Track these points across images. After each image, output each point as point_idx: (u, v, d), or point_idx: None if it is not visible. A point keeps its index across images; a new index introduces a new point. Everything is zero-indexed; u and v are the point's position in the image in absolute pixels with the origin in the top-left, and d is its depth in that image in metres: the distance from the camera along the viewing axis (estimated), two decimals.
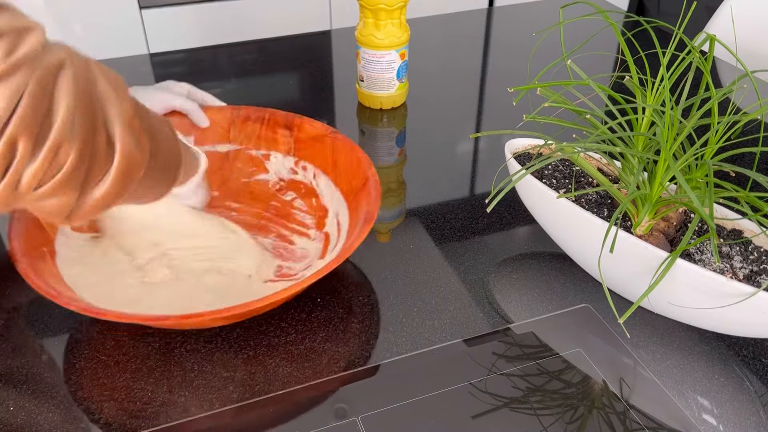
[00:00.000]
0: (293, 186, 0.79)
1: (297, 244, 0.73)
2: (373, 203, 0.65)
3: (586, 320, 0.64)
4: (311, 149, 0.77)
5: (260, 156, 0.80)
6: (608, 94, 0.61)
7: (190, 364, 0.60)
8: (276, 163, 0.80)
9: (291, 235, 0.74)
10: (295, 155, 0.78)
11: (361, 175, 0.70)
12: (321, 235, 0.73)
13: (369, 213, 0.64)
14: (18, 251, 0.60)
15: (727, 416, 0.55)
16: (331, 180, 0.75)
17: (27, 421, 0.55)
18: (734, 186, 0.55)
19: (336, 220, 0.72)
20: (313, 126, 0.77)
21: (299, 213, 0.77)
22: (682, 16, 0.61)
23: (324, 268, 0.57)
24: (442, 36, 1.24)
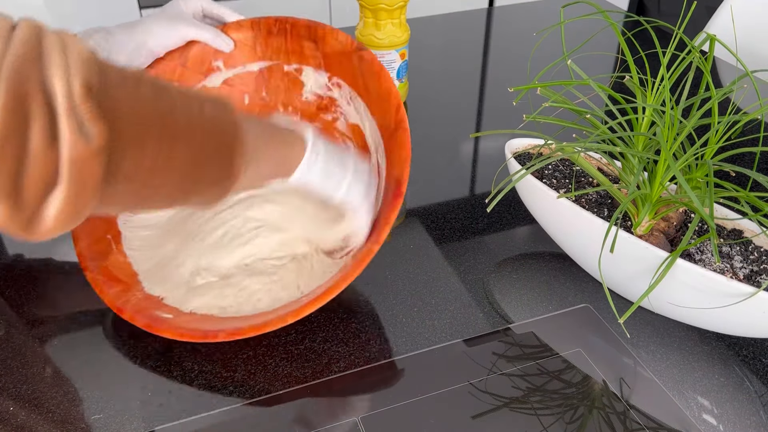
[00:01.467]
0: (332, 105, 0.75)
1: None
2: (403, 164, 0.61)
3: (586, 320, 0.64)
4: (340, 66, 0.73)
5: (293, 71, 0.76)
6: (608, 94, 0.61)
7: (190, 364, 0.60)
8: (310, 78, 0.76)
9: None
10: (326, 70, 0.74)
11: (391, 114, 0.66)
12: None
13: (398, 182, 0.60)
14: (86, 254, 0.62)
15: (727, 416, 0.55)
16: (367, 106, 0.71)
17: (27, 421, 0.55)
18: (734, 186, 0.55)
19: (376, 158, 0.68)
20: (337, 39, 0.72)
21: (343, 138, 0.74)
22: (682, 16, 0.61)
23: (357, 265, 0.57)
24: (442, 36, 1.24)
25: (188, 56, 0.75)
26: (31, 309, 0.65)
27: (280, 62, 0.77)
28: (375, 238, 0.59)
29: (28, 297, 0.67)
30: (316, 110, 0.76)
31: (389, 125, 0.66)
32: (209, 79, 0.76)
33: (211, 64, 0.76)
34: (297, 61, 0.76)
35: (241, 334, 0.56)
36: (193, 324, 0.59)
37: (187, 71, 0.75)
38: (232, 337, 0.56)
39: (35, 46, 0.35)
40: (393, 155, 0.64)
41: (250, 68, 0.77)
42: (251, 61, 0.77)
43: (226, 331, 0.57)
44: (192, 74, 0.75)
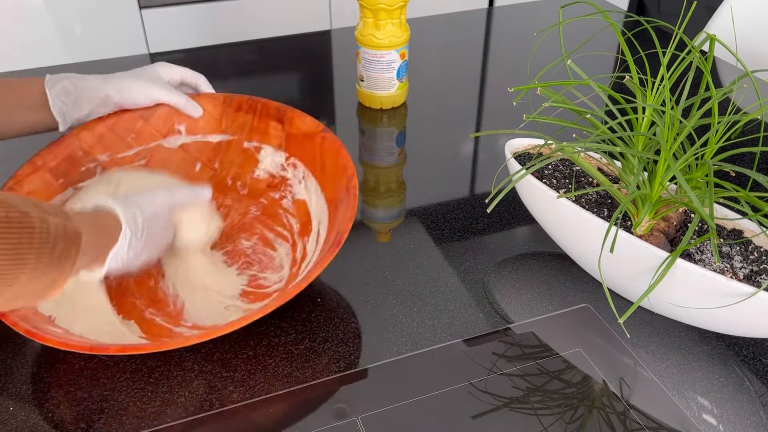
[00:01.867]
0: (283, 184, 0.77)
1: (278, 251, 0.72)
2: (345, 223, 0.62)
3: (586, 320, 0.64)
4: (301, 146, 0.75)
5: (252, 148, 0.78)
6: (608, 94, 0.61)
7: (190, 364, 0.60)
8: (267, 157, 0.78)
9: (275, 240, 0.73)
10: (285, 150, 0.76)
11: (342, 185, 0.68)
12: (300, 245, 0.71)
13: (338, 235, 0.61)
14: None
15: (727, 416, 0.55)
16: (319, 184, 0.73)
17: (27, 421, 0.55)
18: (734, 186, 0.55)
19: (317, 230, 0.70)
20: (305, 122, 0.75)
21: (286, 215, 0.75)
22: (682, 16, 0.61)
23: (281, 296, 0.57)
24: (442, 36, 1.24)
25: (153, 113, 0.76)
26: None
27: (242, 138, 0.78)
28: (308, 275, 0.58)
29: None
30: (265, 188, 0.78)
31: (339, 197, 0.68)
32: (167, 140, 0.77)
33: (173, 127, 0.77)
34: (258, 140, 0.78)
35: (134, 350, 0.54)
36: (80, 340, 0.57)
37: (147, 126, 0.76)
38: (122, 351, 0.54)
39: None
40: (339, 216, 0.65)
41: (211, 139, 0.79)
42: (213, 133, 0.79)
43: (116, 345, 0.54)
44: (151, 131, 0.76)
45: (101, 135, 0.74)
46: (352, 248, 0.72)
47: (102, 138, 0.74)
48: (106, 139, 0.74)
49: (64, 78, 0.70)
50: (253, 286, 0.69)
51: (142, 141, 0.76)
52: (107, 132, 0.74)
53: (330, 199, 0.70)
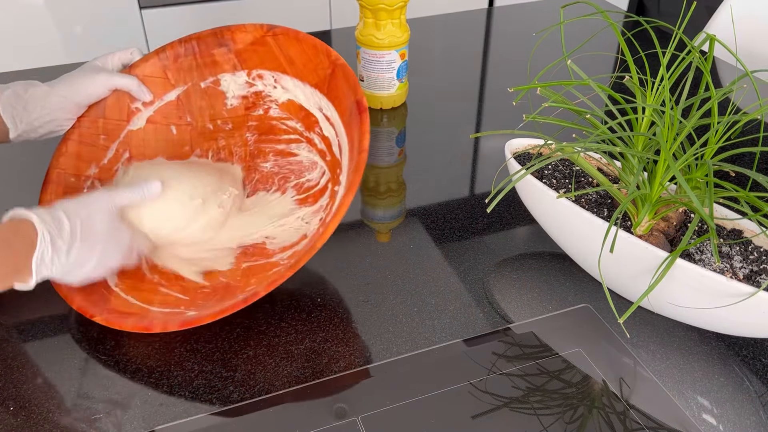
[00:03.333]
0: (259, 99, 0.75)
1: (300, 154, 0.72)
2: (353, 89, 0.61)
3: (586, 320, 0.64)
4: (257, 55, 0.73)
5: (210, 84, 0.77)
6: (608, 94, 0.61)
7: (190, 364, 0.60)
8: (230, 84, 0.76)
9: (288, 147, 0.72)
10: (243, 68, 0.74)
11: (323, 63, 0.66)
12: (317, 137, 0.70)
13: (359, 104, 0.60)
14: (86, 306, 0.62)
15: (727, 416, 0.55)
16: (295, 77, 0.71)
17: (27, 421, 0.55)
18: (734, 186, 0.55)
19: (323, 114, 0.69)
20: (246, 30, 0.72)
21: (281, 123, 0.74)
22: (682, 16, 0.61)
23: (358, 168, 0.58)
24: (442, 36, 1.24)
25: (104, 107, 0.75)
26: (31, 309, 0.65)
27: (195, 81, 0.77)
28: (360, 147, 0.59)
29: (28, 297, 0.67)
30: (244, 111, 0.77)
31: (325, 74, 0.66)
32: (133, 122, 0.77)
33: (130, 108, 0.76)
34: (211, 74, 0.76)
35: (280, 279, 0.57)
36: (223, 305, 0.59)
37: (108, 121, 0.75)
38: (272, 287, 0.57)
39: None
40: (340, 92, 0.65)
41: (168, 98, 0.77)
42: (166, 92, 0.77)
43: (264, 286, 0.57)
44: (114, 123, 0.76)
45: (77, 153, 0.74)
46: (352, 248, 0.72)
47: (79, 155, 0.74)
48: (83, 154, 0.74)
49: (14, 85, 0.70)
50: (303, 191, 0.69)
51: (112, 136, 0.75)
52: (78, 146, 0.74)
53: (317, 82, 0.68)
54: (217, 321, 0.63)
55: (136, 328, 0.60)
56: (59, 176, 0.72)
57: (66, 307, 0.65)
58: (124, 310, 0.62)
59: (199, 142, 0.77)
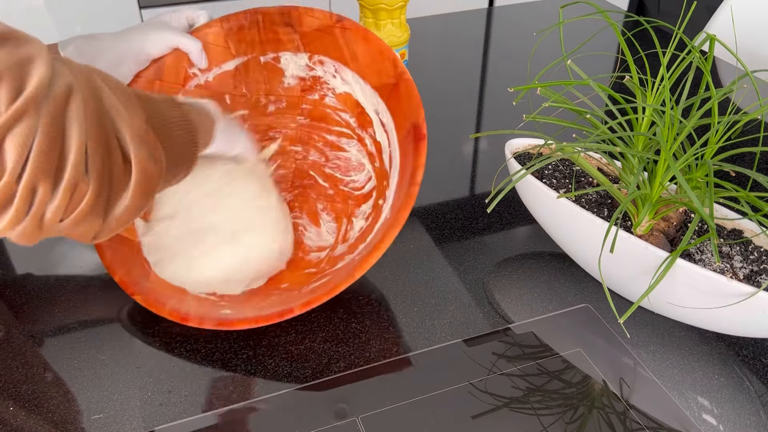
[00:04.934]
0: (317, 83, 0.74)
1: (349, 150, 0.71)
2: (416, 111, 0.61)
3: (586, 320, 0.64)
4: (321, 42, 0.72)
5: (270, 60, 0.75)
6: (608, 94, 0.61)
7: (190, 364, 0.60)
8: (290, 63, 0.75)
9: (339, 140, 0.72)
10: (306, 50, 0.73)
11: (388, 70, 0.65)
12: (368, 138, 0.70)
13: (417, 129, 0.60)
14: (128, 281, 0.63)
15: (727, 416, 0.55)
16: (356, 73, 0.70)
17: (27, 421, 0.55)
18: (734, 186, 0.55)
19: (378, 119, 0.68)
20: (314, 16, 0.71)
21: (336, 113, 0.73)
22: (682, 16, 0.61)
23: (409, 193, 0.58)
24: (442, 36, 1.24)
25: (163, 70, 0.74)
26: (31, 309, 0.65)
27: (255, 55, 0.76)
28: (411, 180, 0.59)
29: (28, 297, 0.67)
30: (300, 92, 0.76)
31: (388, 82, 0.66)
32: (188, 87, 0.76)
33: (187, 72, 0.75)
34: (273, 50, 0.75)
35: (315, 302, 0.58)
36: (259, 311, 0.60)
37: (165, 84, 0.75)
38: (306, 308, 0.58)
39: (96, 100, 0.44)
40: (401, 107, 0.64)
41: (226, 68, 0.76)
42: (226, 60, 0.76)
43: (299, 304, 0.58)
44: (170, 86, 0.75)
45: None
46: None
47: None
48: None
49: (77, 39, 0.69)
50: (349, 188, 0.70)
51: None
52: None
53: (378, 85, 0.68)
54: None
55: (173, 316, 0.61)
56: None
57: (66, 307, 0.65)
58: (161, 291, 0.63)
59: (252, 115, 0.77)
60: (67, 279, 0.69)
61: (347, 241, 0.68)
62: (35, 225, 0.42)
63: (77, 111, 0.42)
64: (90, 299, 0.67)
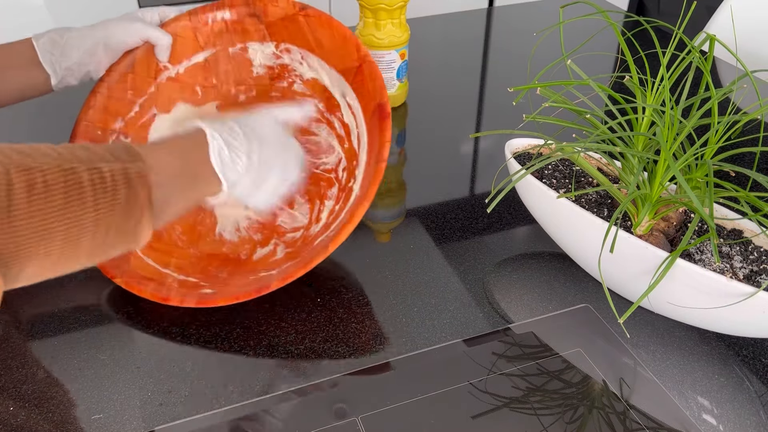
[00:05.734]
0: (284, 71, 0.76)
1: (319, 135, 0.73)
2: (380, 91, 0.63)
3: (586, 320, 0.64)
4: (287, 30, 0.74)
5: (238, 50, 0.78)
6: (608, 94, 0.61)
7: (191, 364, 0.60)
8: (257, 53, 0.77)
9: (309, 125, 0.74)
10: (272, 39, 0.76)
11: (351, 55, 0.67)
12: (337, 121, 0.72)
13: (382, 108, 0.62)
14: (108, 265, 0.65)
15: (727, 416, 0.55)
16: (322, 59, 0.72)
17: (27, 421, 0.55)
18: (734, 186, 0.55)
19: (345, 102, 0.70)
20: (278, 5, 0.74)
21: (304, 98, 0.75)
22: (682, 16, 0.61)
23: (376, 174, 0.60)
24: (442, 36, 1.24)
25: (134, 62, 0.76)
26: (31, 309, 0.65)
27: (224, 46, 0.78)
28: (378, 157, 0.61)
29: (28, 297, 0.67)
30: (269, 81, 0.78)
31: (352, 66, 0.68)
32: (160, 79, 0.77)
33: (158, 65, 0.77)
34: (240, 41, 0.77)
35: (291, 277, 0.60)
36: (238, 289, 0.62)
37: (137, 77, 0.76)
38: (283, 282, 0.60)
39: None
40: (366, 88, 0.66)
41: (196, 60, 0.78)
42: (195, 53, 0.78)
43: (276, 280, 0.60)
44: (142, 79, 0.76)
45: (104, 106, 0.75)
46: (352, 248, 0.72)
47: (106, 108, 0.75)
48: (110, 107, 0.75)
49: (50, 31, 0.71)
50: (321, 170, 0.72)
51: (139, 92, 0.76)
52: (106, 100, 0.75)
53: (343, 69, 0.70)
54: (217, 320, 0.63)
55: (154, 296, 0.63)
56: (87, 129, 0.73)
57: (65, 306, 0.65)
58: (143, 274, 0.65)
59: (222, 105, 0.79)
60: (68, 278, 0.69)
61: (320, 221, 0.71)
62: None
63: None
64: (90, 298, 0.67)
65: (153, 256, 0.68)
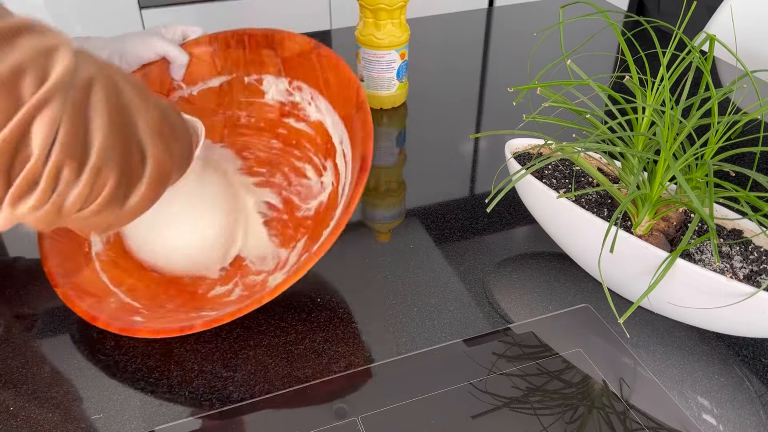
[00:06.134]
0: (294, 109, 0.77)
1: (311, 179, 0.73)
2: (366, 142, 0.62)
3: (586, 320, 0.64)
4: (301, 67, 0.75)
5: (254, 81, 0.78)
6: (608, 94, 0.61)
7: (190, 364, 0.60)
8: (271, 87, 0.77)
9: (304, 167, 0.74)
10: (286, 75, 0.76)
11: (351, 100, 0.68)
12: (331, 167, 0.71)
13: (363, 157, 0.61)
14: (56, 272, 0.63)
15: (727, 416, 0.55)
16: (329, 102, 0.72)
17: (27, 421, 0.55)
18: (734, 186, 0.55)
19: (341, 149, 0.70)
20: (295, 41, 0.74)
21: (307, 141, 0.75)
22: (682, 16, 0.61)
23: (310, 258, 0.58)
24: (442, 36, 1.24)
25: (149, 78, 0.75)
26: (31, 309, 0.65)
27: (240, 74, 0.78)
28: (345, 209, 0.59)
29: (28, 296, 0.67)
30: (278, 116, 0.78)
31: (351, 111, 0.68)
32: (172, 97, 0.77)
33: (172, 84, 0.77)
34: (256, 72, 0.77)
35: (217, 322, 0.56)
36: (166, 324, 0.60)
37: None
38: (208, 326, 0.57)
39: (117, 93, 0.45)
40: (356, 135, 0.66)
41: (211, 84, 0.78)
42: (211, 77, 0.78)
43: (203, 320, 0.57)
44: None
45: None
46: (352, 248, 0.72)
47: None
48: None
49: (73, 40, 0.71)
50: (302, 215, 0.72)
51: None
52: None
53: (344, 114, 0.70)
54: None
55: (85, 314, 0.60)
56: None
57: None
58: (87, 288, 0.63)
59: (230, 133, 0.78)
60: None
61: (285, 267, 0.68)
62: (56, 210, 0.42)
63: (99, 101, 0.42)
64: None
65: (110, 273, 0.66)
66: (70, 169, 0.41)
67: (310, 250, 0.66)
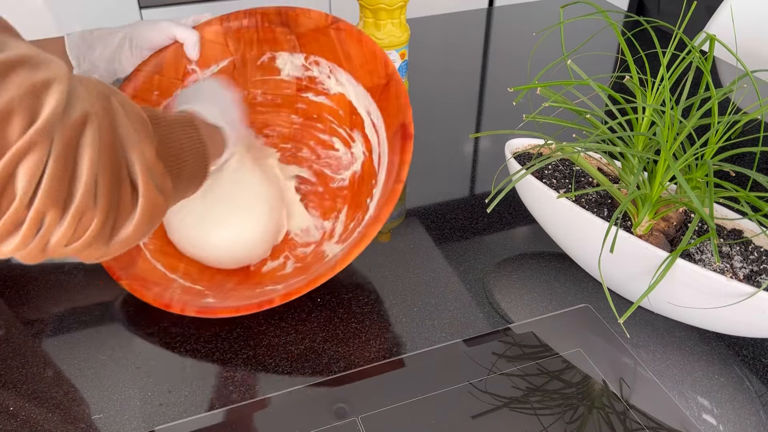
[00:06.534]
0: (312, 83, 0.76)
1: (340, 150, 0.74)
2: (404, 111, 0.62)
3: (586, 320, 0.64)
4: (317, 43, 0.74)
5: (267, 59, 0.77)
6: (608, 93, 0.61)
7: (190, 364, 0.60)
8: (286, 63, 0.77)
9: (330, 139, 0.74)
10: (301, 51, 0.75)
11: (380, 71, 0.67)
12: (360, 138, 0.71)
13: (405, 128, 0.62)
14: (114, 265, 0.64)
15: (727, 416, 0.55)
16: (350, 74, 0.72)
17: (27, 421, 0.55)
18: (734, 186, 0.55)
19: (370, 119, 0.70)
20: (310, 17, 0.73)
21: (329, 113, 0.75)
22: (682, 16, 0.61)
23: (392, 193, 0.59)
24: (442, 36, 1.24)
25: (162, 64, 0.75)
26: (31, 309, 0.65)
27: (254, 54, 0.77)
28: (397, 177, 0.60)
29: (28, 296, 0.67)
30: (296, 91, 0.77)
31: (379, 83, 0.68)
32: (187, 82, 0.77)
33: (186, 68, 0.76)
34: (270, 50, 0.77)
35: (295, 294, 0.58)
36: (240, 301, 0.61)
37: (164, 79, 0.75)
38: (286, 299, 0.59)
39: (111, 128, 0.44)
40: (390, 106, 0.66)
41: (224, 64, 0.78)
42: (224, 58, 0.77)
43: (279, 296, 0.59)
44: (169, 81, 0.76)
45: None
46: None
47: None
48: None
49: (83, 30, 0.71)
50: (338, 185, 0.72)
51: (165, 93, 0.76)
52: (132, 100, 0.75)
53: (370, 86, 0.69)
54: (218, 320, 0.63)
55: (156, 302, 0.62)
56: None
57: (65, 306, 0.65)
58: (148, 278, 0.64)
59: (249, 112, 0.78)
60: (68, 278, 0.69)
61: (333, 237, 0.70)
62: (40, 249, 0.42)
63: (91, 139, 0.41)
64: (91, 299, 0.67)
65: (162, 261, 0.68)
66: (54, 213, 0.40)
67: (356, 218, 0.68)
